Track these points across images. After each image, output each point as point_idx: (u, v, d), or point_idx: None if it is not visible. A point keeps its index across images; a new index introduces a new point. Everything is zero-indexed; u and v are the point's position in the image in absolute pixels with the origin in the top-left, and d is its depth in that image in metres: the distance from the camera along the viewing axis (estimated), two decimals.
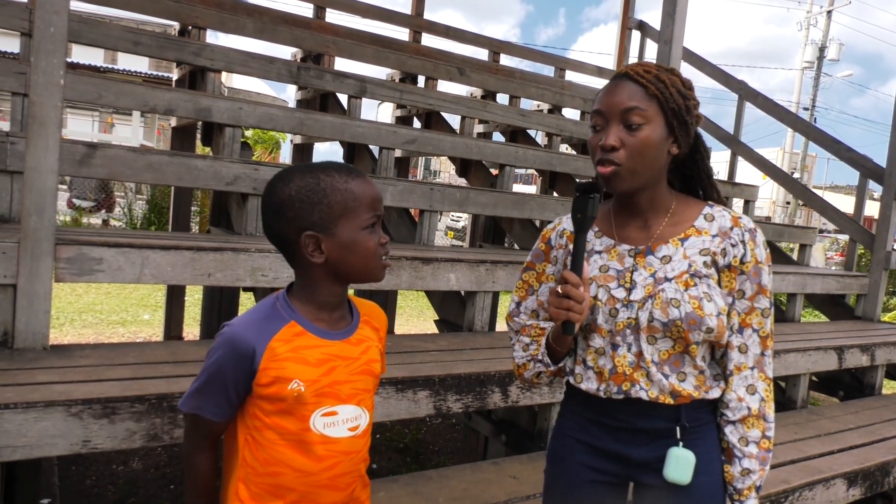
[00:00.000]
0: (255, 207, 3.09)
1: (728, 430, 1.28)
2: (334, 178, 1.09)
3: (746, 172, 6.37)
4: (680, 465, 1.22)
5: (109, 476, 3.16)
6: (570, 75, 6.81)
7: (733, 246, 1.26)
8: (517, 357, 1.40)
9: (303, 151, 5.19)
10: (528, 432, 2.70)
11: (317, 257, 1.09)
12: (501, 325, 5.29)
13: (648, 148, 1.21)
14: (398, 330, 6.53)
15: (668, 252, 1.27)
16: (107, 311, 6.79)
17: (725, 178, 6.06)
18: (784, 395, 3.67)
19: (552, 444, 1.40)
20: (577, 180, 1.37)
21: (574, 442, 1.34)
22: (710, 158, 1.37)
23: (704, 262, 1.25)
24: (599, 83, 6.43)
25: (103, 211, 11.03)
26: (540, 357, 1.34)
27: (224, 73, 4.36)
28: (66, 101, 3.38)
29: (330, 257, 1.10)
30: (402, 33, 5.90)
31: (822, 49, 27.04)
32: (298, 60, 5.07)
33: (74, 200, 10.72)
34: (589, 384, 1.30)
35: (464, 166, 4.82)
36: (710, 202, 1.34)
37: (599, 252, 1.33)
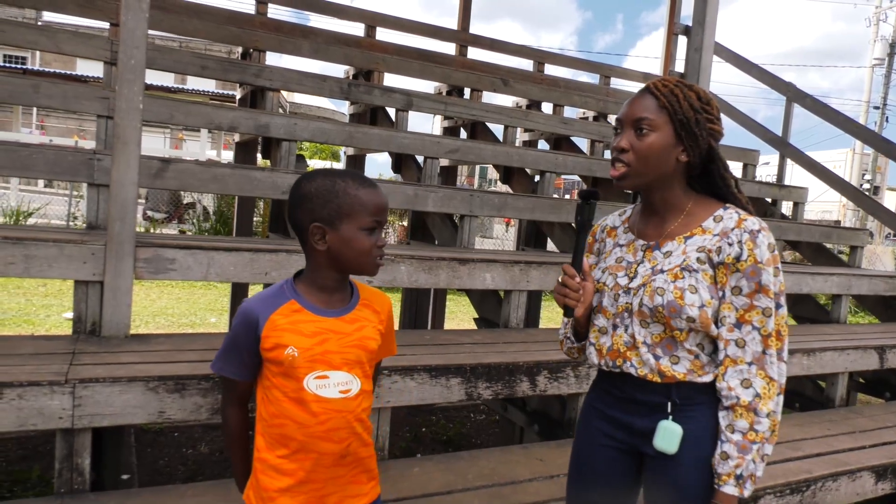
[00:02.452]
0: None
1: (721, 414, 1.38)
2: (348, 184, 1.32)
3: (806, 175, 6.34)
4: (666, 435, 1.37)
5: (180, 458, 3.50)
6: (619, 83, 6.91)
7: (730, 245, 1.36)
8: (559, 333, 1.65)
9: (356, 161, 5.50)
10: (559, 421, 2.87)
11: (320, 245, 1.32)
12: (540, 323, 5.42)
13: (653, 151, 1.38)
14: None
15: (671, 248, 1.43)
16: (178, 314, 7.29)
17: (774, 181, 6.04)
18: (822, 394, 3.70)
19: (581, 412, 1.62)
20: (581, 188, 1.64)
21: (593, 409, 1.54)
22: (728, 169, 1.48)
23: (698, 259, 1.39)
24: None
25: (175, 221, 11.75)
26: (568, 335, 1.59)
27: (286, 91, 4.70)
28: (143, 121, 3.77)
29: (331, 247, 1.32)
30: (450, 48, 6.16)
31: (892, 45, 25.84)
32: (350, 77, 5.40)
33: (148, 212, 11.48)
34: (592, 359, 1.51)
35: (506, 173, 5.02)
36: (726, 205, 1.45)
37: (621, 245, 1.53)
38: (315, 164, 18.07)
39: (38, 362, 1.99)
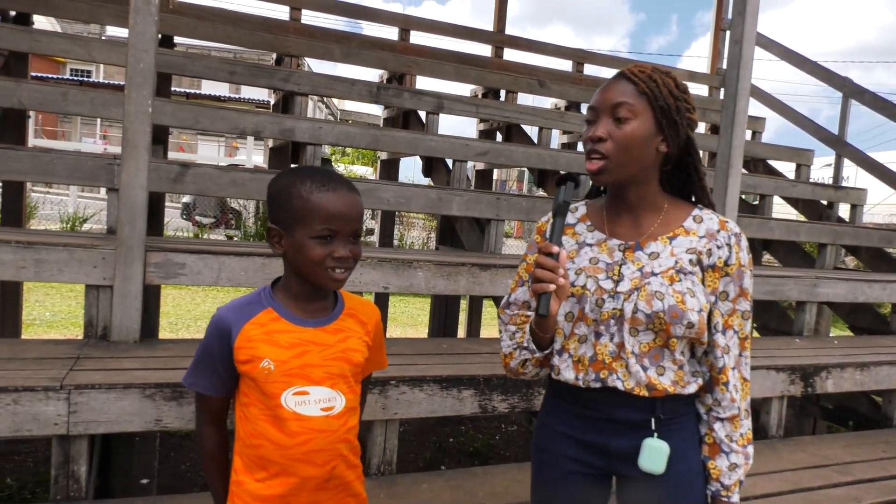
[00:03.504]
0: None
1: (717, 426, 1.31)
2: (305, 186, 1.19)
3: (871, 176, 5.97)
4: (653, 455, 1.25)
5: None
6: None
7: (719, 248, 1.29)
8: (504, 346, 1.41)
9: (389, 165, 5.46)
10: None
11: (277, 248, 1.24)
12: None
13: (634, 141, 1.25)
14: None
15: (656, 249, 1.31)
16: None
17: (831, 182, 5.68)
18: (879, 412, 3.41)
19: (536, 437, 1.43)
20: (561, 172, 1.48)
21: (557, 434, 1.36)
22: (702, 163, 1.39)
23: (690, 261, 1.28)
24: (692, 88, 6.25)
25: (222, 226, 12.03)
26: (525, 344, 1.34)
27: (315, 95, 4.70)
28: (184, 128, 3.78)
29: (286, 253, 1.23)
30: (486, 50, 6.06)
31: None
32: (385, 81, 5.36)
33: (197, 217, 11.78)
34: (567, 374, 1.31)
35: (541, 176, 4.87)
36: (699, 205, 1.37)
37: (591, 245, 1.36)
38: (357, 169, 18.26)
39: (39, 367, 1.98)
